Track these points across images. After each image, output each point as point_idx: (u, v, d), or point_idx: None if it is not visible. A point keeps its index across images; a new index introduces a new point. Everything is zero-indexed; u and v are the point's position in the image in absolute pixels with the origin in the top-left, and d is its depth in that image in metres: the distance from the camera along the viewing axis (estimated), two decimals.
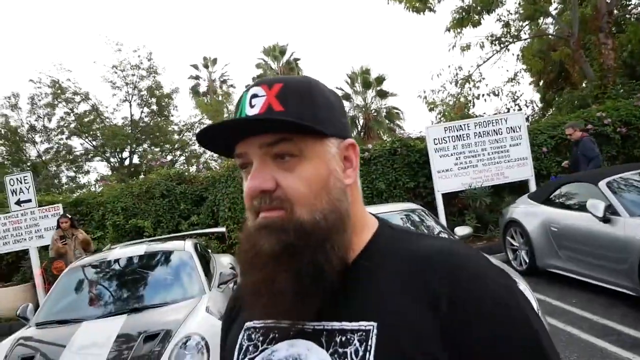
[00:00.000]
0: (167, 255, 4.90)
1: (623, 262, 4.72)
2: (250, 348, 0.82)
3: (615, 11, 14.41)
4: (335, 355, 0.73)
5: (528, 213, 6.54)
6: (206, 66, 35.07)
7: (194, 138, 23.11)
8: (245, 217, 0.81)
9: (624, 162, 9.74)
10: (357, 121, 26.20)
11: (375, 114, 26.50)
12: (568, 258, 5.66)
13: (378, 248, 0.81)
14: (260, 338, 0.82)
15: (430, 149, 9.05)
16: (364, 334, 0.72)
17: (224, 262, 6.07)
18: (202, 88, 34.71)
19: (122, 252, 5.09)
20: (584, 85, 15.69)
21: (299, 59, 34.11)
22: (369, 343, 0.71)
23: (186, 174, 9.77)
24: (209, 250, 6.25)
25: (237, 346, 0.84)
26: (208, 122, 24.48)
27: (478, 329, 0.68)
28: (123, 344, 3.52)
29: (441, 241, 0.81)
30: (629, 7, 17.68)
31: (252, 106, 0.77)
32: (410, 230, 0.89)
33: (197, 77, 34.95)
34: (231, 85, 35.84)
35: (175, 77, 60.48)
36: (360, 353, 0.71)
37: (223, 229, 6.97)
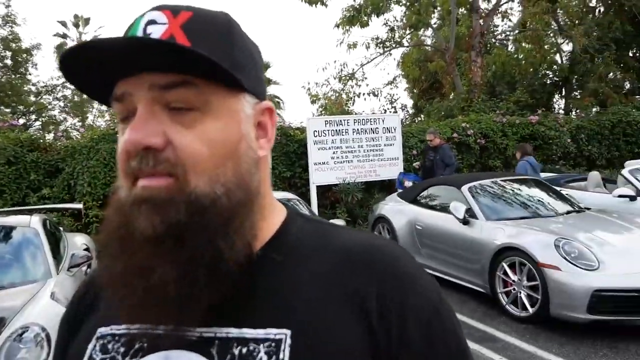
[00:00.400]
0: (8, 230, 4.23)
1: (476, 262, 5.11)
2: None
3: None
4: None
5: (396, 211, 6.83)
6: (77, 25, 32.04)
7: (55, 102, 20.85)
8: (115, 186, 0.60)
9: (480, 170, 10.70)
10: None
11: None
12: (428, 255, 6.00)
13: (289, 239, 0.65)
14: (121, 349, 0.60)
15: (310, 140, 9.09)
16: (273, 344, 0.56)
17: (77, 242, 5.45)
18: None
19: None
20: (451, 97, 17.00)
21: None
22: (281, 356, 0.55)
23: (41, 140, 8.69)
24: (61, 228, 5.60)
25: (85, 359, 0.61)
26: (73, 86, 22.35)
27: (412, 338, 0.58)
28: None
29: (363, 235, 0.67)
30: (495, 33, 19.53)
31: (146, 35, 0.57)
32: (324, 220, 0.73)
33: (64, 36, 31.77)
34: None
35: (37, 32, 54.30)
36: None
37: (80, 205, 6.26)
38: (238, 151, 0.59)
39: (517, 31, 17.95)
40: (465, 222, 5.40)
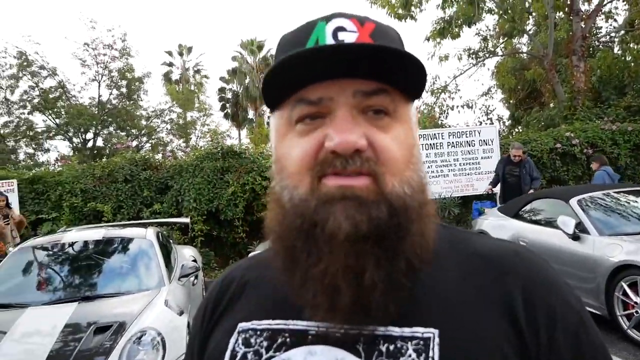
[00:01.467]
0: (127, 242, 4.61)
1: (591, 281, 4.73)
2: (250, 356, 0.62)
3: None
4: None
5: (497, 226, 6.53)
6: (181, 54, 34.53)
7: (162, 125, 22.46)
8: (277, 188, 0.62)
9: (587, 183, 9.95)
10: None
11: None
12: None
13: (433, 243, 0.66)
14: (264, 343, 0.62)
15: None
16: (421, 342, 0.57)
17: (185, 254, 5.81)
18: (175, 76, 34.15)
19: (78, 235, 4.78)
20: (552, 105, 16.05)
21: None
22: (430, 354, 0.56)
23: (152, 160, 9.42)
24: (171, 241, 5.99)
25: (229, 353, 0.64)
26: (178, 110, 23.98)
27: (561, 347, 0.58)
28: (70, 335, 3.26)
29: (503, 242, 0.69)
30: (599, 35, 18.24)
31: (338, 41, 0.59)
32: (460, 228, 0.76)
33: (170, 64, 34.37)
34: (205, 76, 35.42)
35: (147, 62, 59.24)
36: None
37: (187, 220, 6.68)
38: (415, 156, 0.62)
39: (623, 32, 16.64)
40: (575, 237, 5.03)
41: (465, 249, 0.66)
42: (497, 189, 8.17)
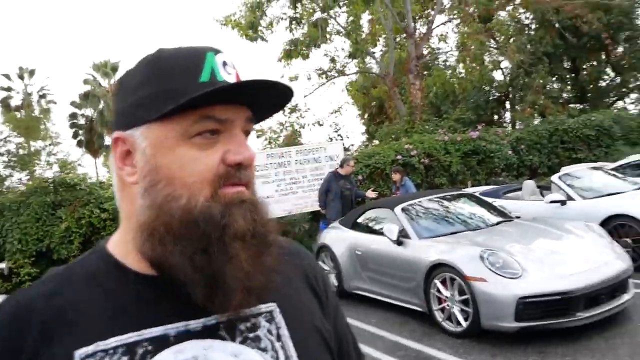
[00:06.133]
0: None
1: (412, 281, 5.10)
2: None
3: (426, 53, 16.34)
4: (249, 342, 0.69)
5: (337, 238, 6.78)
6: (21, 77, 31.67)
7: None
8: (157, 197, 0.65)
9: (426, 189, 10.83)
10: None
11: None
12: (369, 279, 5.96)
13: None
14: (124, 359, 0.61)
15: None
16: (268, 314, 0.73)
17: None
18: (16, 101, 31.12)
19: None
20: (396, 120, 17.37)
21: None
22: (277, 320, 0.73)
23: None
24: None
25: None
26: (18, 139, 21.75)
27: (330, 298, 0.86)
28: None
29: (292, 242, 0.90)
30: (435, 54, 20.21)
31: (228, 74, 0.70)
32: None
33: (9, 89, 31.32)
34: (51, 101, 32.81)
35: None
36: (274, 331, 0.72)
37: (2, 265, 5.96)
38: None
39: (456, 52, 18.66)
40: (399, 242, 5.40)
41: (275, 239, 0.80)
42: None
